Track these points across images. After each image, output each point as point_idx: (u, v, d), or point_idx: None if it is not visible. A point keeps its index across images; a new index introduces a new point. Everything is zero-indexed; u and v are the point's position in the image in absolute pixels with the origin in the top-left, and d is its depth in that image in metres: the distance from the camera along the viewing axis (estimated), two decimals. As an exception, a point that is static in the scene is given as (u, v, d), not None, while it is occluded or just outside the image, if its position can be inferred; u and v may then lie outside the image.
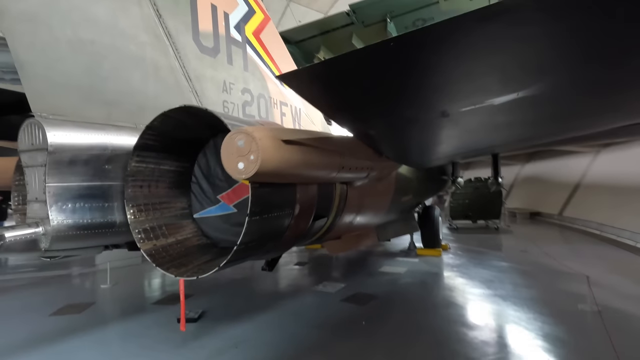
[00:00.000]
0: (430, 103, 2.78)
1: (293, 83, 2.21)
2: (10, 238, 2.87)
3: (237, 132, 2.37)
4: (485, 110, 2.77)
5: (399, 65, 2.13)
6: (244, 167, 2.32)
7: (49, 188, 3.05)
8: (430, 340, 5.01)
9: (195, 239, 4.01)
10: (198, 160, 4.13)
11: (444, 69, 2.21)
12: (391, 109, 2.77)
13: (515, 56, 1.93)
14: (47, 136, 2.97)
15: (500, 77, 2.30)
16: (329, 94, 2.41)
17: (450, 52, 1.91)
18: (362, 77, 2.28)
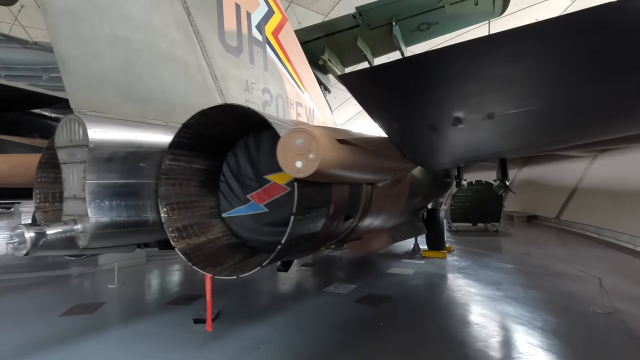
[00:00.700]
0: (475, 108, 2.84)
1: (352, 83, 2.23)
2: (52, 235, 2.82)
3: (296, 130, 2.38)
4: (517, 117, 2.92)
5: (448, 72, 2.27)
6: (302, 165, 2.33)
7: (88, 185, 3.01)
8: (450, 341, 5.04)
9: (225, 238, 3.98)
10: (227, 159, 4.11)
11: (487, 79, 2.36)
12: (439, 112, 2.82)
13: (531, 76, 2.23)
14: (88, 133, 2.94)
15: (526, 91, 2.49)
16: (384, 95, 2.43)
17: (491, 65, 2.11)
18: (417, 81, 2.33)
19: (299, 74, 6.90)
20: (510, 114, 2.94)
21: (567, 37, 1.80)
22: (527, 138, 4.14)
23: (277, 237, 3.81)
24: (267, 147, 3.85)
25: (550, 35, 1.84)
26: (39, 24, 27.96)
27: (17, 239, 2.67)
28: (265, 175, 3.88)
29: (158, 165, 3.56)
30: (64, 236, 2.94)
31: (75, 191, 3.06)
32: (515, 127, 3.47)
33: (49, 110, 12.29)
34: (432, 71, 2.32)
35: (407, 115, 2.75)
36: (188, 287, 8.01)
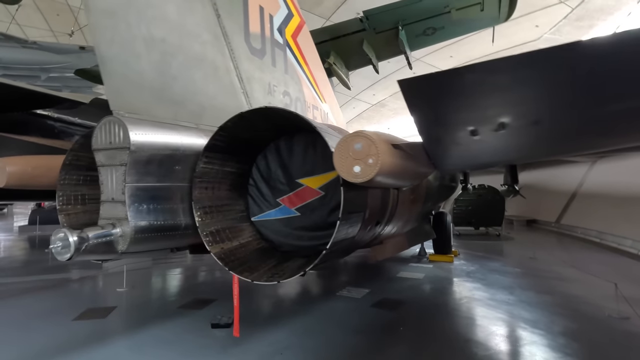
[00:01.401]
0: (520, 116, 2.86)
1: (409, 87, 2.22)
2: (93, 239, 2.76)
3: (355, 135, 2.35)
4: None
5: (503, 81, 2.33)
6: (361, 170, 2.31)
7: (128, 188, 2.96)
8: (475, 346, 5.03)
9: (255, 242, 3.95)
10: (257, 162, 4.08)
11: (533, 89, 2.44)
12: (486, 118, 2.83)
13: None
14: (129, 135, 2.89)
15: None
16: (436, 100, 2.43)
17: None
18: (471, 89, 2.36)
19: (314, 76, 6.89)
20: (551, 122, 2.99)
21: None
22: (556, 145, 4.19)
23: (310, 241, 3.82)
24: (301, 151, 3.83)
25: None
26: (35, 23, 27.72)
27: (60, 243, 2.61)
28: (297, 179, 3.85)
29: (191, 168, 3.52)
30: (103, 240, 2.88)
31: (113, 194, 3.01)
32: (552, 135, 3.52)
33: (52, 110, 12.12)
34: (487, 80, 2.35)
35: (454, 120, 2.75)
36: (199, 290, 7.92)
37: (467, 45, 22.70)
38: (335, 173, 3.64)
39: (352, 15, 23.27)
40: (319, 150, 3.73)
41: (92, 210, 4.63)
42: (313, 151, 3.77)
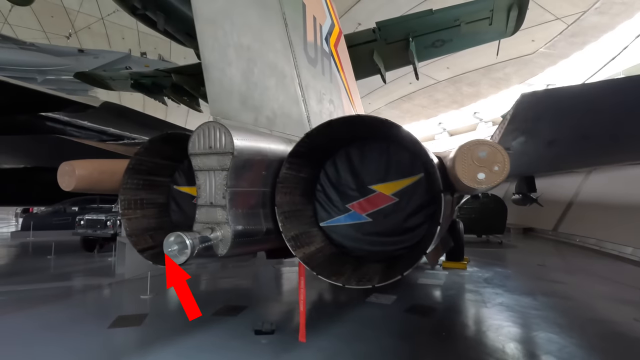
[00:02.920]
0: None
1: (527, 99, 2.35)
2: (202, 244, 2.77)
3: (479, 143, 2.46)
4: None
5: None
6: (485, 177, 2.41)
7: (229, 192, 2.98)
8: (521, 349, 5.16)
9: (327, 247, 3.99)
10: (325, 168, 4.13)
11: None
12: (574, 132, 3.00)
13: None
14: (233, 140, 2.92)
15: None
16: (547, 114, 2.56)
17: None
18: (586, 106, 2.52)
19: (349, 85, 7.03)
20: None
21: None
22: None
23: (384, 246, 3.89)
24: (374, 157, 3.91)
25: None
26: (28, 24, 27.15)
27: (175, 247, 2.62)
28: (369, 185, 3.92)
29: (273, 173, 3.56)
30: (207, 245, 2.89)
31: (212, 198, 3.02)
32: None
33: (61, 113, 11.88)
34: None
35: (555, 131, 2.90)
36: (224, 297, 7.84)
37: (463, 58, 23.30)
38: (411, 180, 3.79)
39: (352, 25, 23.79)
40: (393, 157, 3.83)
41: (149, 215, 4.61)
42: (387, 158, 3.86)
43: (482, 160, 2.42)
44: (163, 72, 16.64)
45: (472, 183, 2.46)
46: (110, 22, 26.86)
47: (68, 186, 3.90)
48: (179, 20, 11.66)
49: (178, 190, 4.82)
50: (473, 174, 2.44)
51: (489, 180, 2.43)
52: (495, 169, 2.39)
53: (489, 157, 2.41)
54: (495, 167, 2.39)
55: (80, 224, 12.89)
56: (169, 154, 4.58)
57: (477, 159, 2.43)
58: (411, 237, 3.75)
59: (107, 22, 26.83)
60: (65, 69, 20.12)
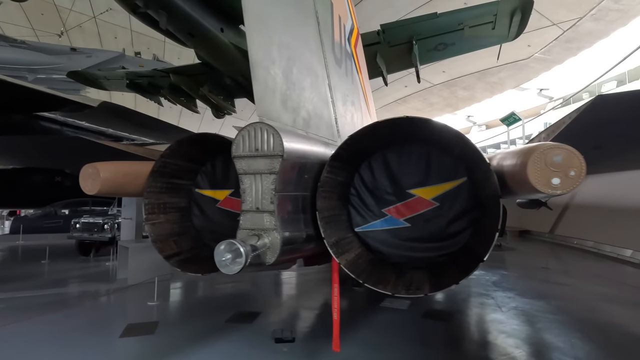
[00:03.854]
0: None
1: (616, 104, 2.28)
2: (253, 253, 2.61)
3: (554, 147, 2.37)
4: None
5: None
6: (560, 182, 2.32)
7: (278, 197, 2.83)
8: (553, 351, 5.11)
9: (365, 254, 3.86)
10: (360, 172, 4.01)
11: None
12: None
13: None
14: (282, 142, 2.78)
15: None
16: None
17: None
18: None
19: (365, 86, 6.93)
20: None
21: None
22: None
23: (425, 252, 3.78)
24: (413, 160, 3.81)
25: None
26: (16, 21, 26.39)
27: (229, 256, 2.45)
28: (408, 189, 3.82)
29: (314, 177, 3.42)
30: (256, 253, 2.73)
31: (259, 204, 2.87)
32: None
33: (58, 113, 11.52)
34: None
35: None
36: (234, 303, 7.65)
37: (459, 61, 23.49)
38: (453, 184, 3.69)
39: (351, 28, 23.60)
40: (434, 160, 3.73)
41: (172, 220, 4.42)
42: (426, 161, 3.76)
43: (557, 164, 2.33)
44: (161, 72, 16.32)
45: (546, 188, 2.36)
46: (102, 21, 26.29)
47: (92, 190, 3.69)
48: (181, 19, 11.39)
49: (200, 193, 4.65)
50: (547, 179, 2.35)
51: (565, 185, 2.34)
52: (571, 174, 2.31)
53: (564, 162, 2.32)
54: (572, 172, 2.30)
55: (76, 227, 12.49)
56: (193, 156, 4.41)
57: (551, 164, 2.34)
58: (453, 243, 3.65)
59: (99, 21, 26.24)
60: (57, 68, 19.58)
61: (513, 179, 2.63)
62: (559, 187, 2.35)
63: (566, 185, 2.35)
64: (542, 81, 24.09)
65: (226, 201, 4.51)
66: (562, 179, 2.33)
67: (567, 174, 2.31)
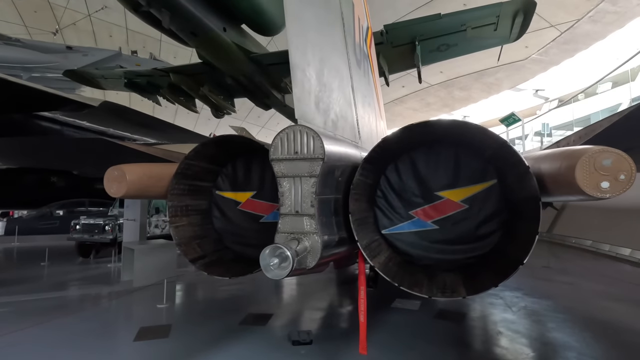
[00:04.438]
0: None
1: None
2: (298, 257, 2.58)
3: (603, 150, 2.37)
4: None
5: None
6: (610, 186, 2.33)
7: (318, 200, 2.81)
8: (569, 350, 5.14)
9: (394, 256, 3.85)
10: (386, 174, 4.00)
11: None
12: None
13: None
14: (324, 145, 2.75)
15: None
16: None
17: None
18: None
19: (377, 87, 6.93)
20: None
21: None
22: None
23: (455, 255, 3.78)
24: (442, 163, 3.80)
25: None
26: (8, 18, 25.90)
27: (276, 260, 2.42)
28: (436, 191, 3.81)
29: (346, 179, 3.40)
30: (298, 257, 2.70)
31: (298, 207, 2.84)
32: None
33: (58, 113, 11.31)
34: None
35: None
36: (244, 304, 7.62)
37: (456, 62, 23.60)
38: (482, 186, 3.69)
39: (349, 28, 23.63)
40: (463, 163, 3.73)
41: (194, 222, 4.37)
42: (455, 163, 3.76)
43: (606, 168, 2.34)
44: (160, 71, 16.14)
45: (595, 192, 2.37)
46: (97, 19, 25.95)
47: (117, 192, 3.62)
48: (184, 18, 11.26)
49: (221, 195, 4.60)
50: (596, 183, 2.36)
51: (614, 189, 2.35)
52: (621, 177, 2.32)
53: (614, 165, 2.33)
54: (621, 175, 2.31)
55: (76, 228, 12.30)
56: (215, 157, 4.36)
57: (600, 167, 2.34)
58: (482, 245, 3.66)
59: (94, 19, 25.91)
60: (53, 67, 19.25)
61: (556, 181, 2.63)
62: (608, 190, 2.36)
63: (615, 189, 2.36)
64: (538, 82, 24.33)
65: (248, 203, 4.47)
66: (612, 183, 2.34)
67: (617, 177, 2.32)
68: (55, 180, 17.30)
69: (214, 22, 11.08)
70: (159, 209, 13.71)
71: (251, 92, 15.64)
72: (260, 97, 15.79)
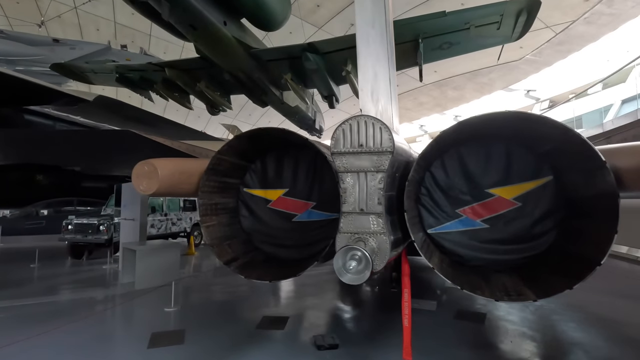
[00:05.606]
0: None
1: None
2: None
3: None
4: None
5: None
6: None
7: (386, 197, 2.58)
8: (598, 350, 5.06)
9: (444, 256, 3.66)
10: (432, 170, 3.80)
11: None
12: None
13: None
14: (393, 137, 2.53)
15: None
16: None
17: None
18: None
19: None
20: None
21: None
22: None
23: (509, 255, 3.62)
24: (494, 159, 3.63)
25: None
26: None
27: (354, 264, 2.20)
28: (486, 189, 3.64)
29: (401, 176, 3.19)
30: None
31: (363, 204, 2.62)
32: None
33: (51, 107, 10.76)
34: None
35: None
36: (255, 305, 7.35)
37: (451, 62, 23.69)
38: (537, 182, 3.53)
39: (346, 25, 23.62)
40: (515, 159, 3.56)
41: (223, 222, 4.10)
42: (506, 159, 3.59)
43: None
44: (154, 66, 15.61)
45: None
46: (83, 12, 25.05)
47: (148, 189, 3.32)
48: (184, 10, 10.85)
49: (250, 193, 4.33)
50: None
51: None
52: None
53: None
54: None
55: (68, 228, 11.75)
56: (245, 153, 4.09)
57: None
58: (537, 244, 3.50)
59: (81, 12, 24.99)
60: (38, 60, 18.44)
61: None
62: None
63: None
64: (530, 82, 24.68)
65: (279, 201, 4.23)
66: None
67: None
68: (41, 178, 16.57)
69: (214, 15, 10.71)
70: (155, 208, 13.23)
71: (249, 89, 15.27)
72: (257, 93, 15.42)
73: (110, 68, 16.61)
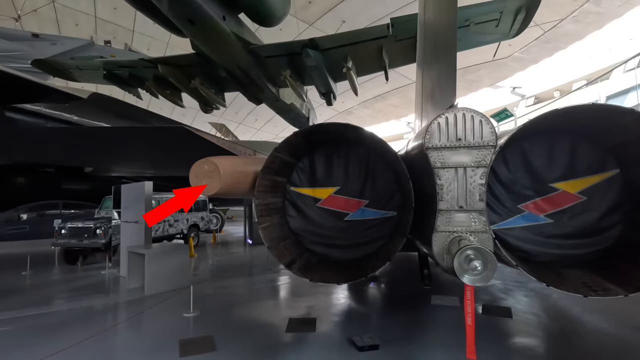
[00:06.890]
0: None
1: None
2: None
3: None
4: None
5: None
6: None
7: (489, 194, 2.47)
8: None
9: (505, 253, 3.57)
10: (493, 165, 3.71)
11: None
12: None
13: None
14: (495, 130, 2.42)
15: None
16: None
17: None
18: None
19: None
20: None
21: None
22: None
23: (576, 249, 3.58)
24: (557, 153, 3.58)
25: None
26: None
27: (479, 266, 2.08)
28: (550, 183, 3.59)
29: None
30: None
31: (463, 202, 2.49)
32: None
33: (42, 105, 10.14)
34: None
35: None
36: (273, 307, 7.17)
37: (440, 59, 23.97)
38: (602, 176, 3.51)
39: (337, 22, 23.45)
40: (580, 152, 3.52)
41: (275, 223, 3.91)
42: (570, 153, 3.55)
43: None
44: (145, 62, 15.04)
45: None
46: (61, 6, 23.92)
47: (210, 190, 3.08)
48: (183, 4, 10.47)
49: (297, 192, 4.15)
50: None
51: None
52: None
53: None
54: None
55: (61, 233, 11.17)
56: (296, 150, 3.91)
57: None
58: (603, 239, 3.48)
59: (58, 5, 23.84)
60: (17, 56, 17.47)
61: None
62: None
63: None
64: (516, 80, 25.25)
65: (330, 200, 4.06)
66: None
67: None
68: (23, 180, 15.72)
69: (213, 9, 10.37)
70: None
71: (244, 86, 14.93)
72: (253, 91, 15.10)
73: (97, 64, 15.88)
